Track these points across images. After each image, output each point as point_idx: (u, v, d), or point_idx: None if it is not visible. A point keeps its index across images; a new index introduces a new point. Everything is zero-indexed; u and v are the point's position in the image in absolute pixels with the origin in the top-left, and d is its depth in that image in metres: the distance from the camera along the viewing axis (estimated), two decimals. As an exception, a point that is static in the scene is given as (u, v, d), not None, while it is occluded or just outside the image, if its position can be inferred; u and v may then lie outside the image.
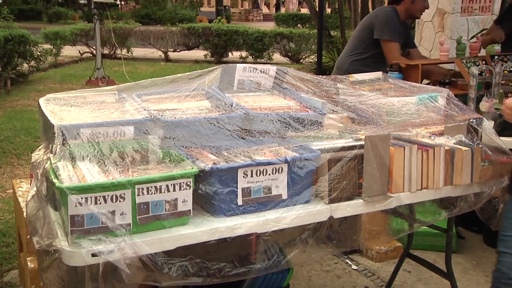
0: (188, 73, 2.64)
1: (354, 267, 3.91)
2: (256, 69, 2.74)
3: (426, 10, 4.67)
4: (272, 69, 2.76)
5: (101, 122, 2.18)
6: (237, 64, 2.71)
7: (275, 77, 2.75)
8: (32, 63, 11.73)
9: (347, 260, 3.99)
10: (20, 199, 3.19)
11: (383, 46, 4.48)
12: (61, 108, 2.40)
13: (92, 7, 11.31)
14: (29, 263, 2.93)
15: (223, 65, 2.72)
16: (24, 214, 2.35)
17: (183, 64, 15.71)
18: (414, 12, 4.57)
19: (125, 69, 12.38)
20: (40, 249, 1.96)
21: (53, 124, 2.11)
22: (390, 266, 3.68)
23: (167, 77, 2.60)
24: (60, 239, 1.88)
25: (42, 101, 2.45)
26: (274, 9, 44.89)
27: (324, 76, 2.99)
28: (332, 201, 2.28)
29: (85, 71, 12.97)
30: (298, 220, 2.19)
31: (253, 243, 2.32)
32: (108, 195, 1.85)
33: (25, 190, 3.27)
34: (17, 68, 11.14)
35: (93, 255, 1.81)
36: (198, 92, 2.60)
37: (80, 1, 35.11)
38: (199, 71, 2.65)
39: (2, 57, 10.21)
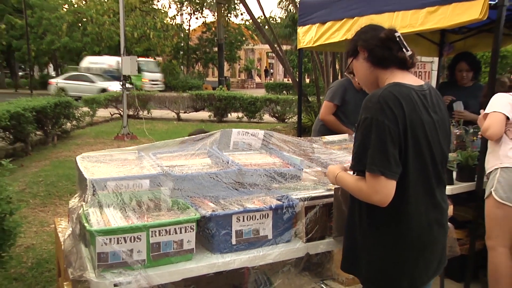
0: (193, 136, 2.66)
1: (327, 290, 3.84)
2: (248, 133, 2.76)
3: None
4: (260, 133, 2.78)
5: (124, 177, 2.19)
6: (233, 129, 2.74)
7: (263, 139, 2.78)
8: (74, 122, 11.78)
9: (322, 285, 3.92)
10: (59, 234, 3.13)
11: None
12: (93, 164, 2.41)
13: (121, 78, 11.44)
14: (65, 287, 2.87)
15: (222, 129, 2.74)
16: (62, 247, 2.33)
17: (191, 123, 15.70)
18: None
19: (146, 127, 12.40)
20: (74, 279, 1.93)
21: (86, 178, 2.12)
22: (357, 289, 3.61)
23: (176, 139, 2.62)
24: (89, 271, 1.87)
25: (78, 158, 2.46)
26: (263, 74, 45.36)
27: (302, 138, 3.01)
28: (308, 240, 2.27)
29: (114, 128, 12.99)
30: (281, 256, 2.18)
31: (245, 274, 2.29)
32: (127, 236, 1.85)
33: (64, 227, 3.21)
34: (62, 126, 11.21)
35: (115, 285, 1.81)
36: (201, 151, 2.62)
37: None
38: (203, 134, 2.67)
39: (52, 118, 10.29)
